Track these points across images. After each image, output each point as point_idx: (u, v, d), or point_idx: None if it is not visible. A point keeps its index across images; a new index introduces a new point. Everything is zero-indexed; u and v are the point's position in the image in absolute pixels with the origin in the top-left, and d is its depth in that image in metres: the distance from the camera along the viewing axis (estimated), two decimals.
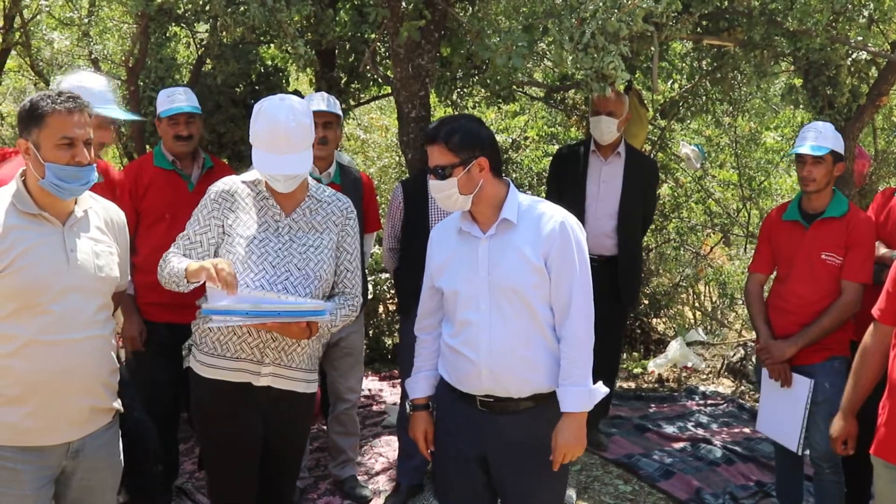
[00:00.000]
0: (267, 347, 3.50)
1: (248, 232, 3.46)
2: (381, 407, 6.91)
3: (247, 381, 3.52)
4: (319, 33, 6.02)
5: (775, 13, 5.85)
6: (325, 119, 4.84)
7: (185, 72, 6.94)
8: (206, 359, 3.53)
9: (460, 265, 3.33)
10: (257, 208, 3.52)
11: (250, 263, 3.41)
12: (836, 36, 5.59)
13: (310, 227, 3.58)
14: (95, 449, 3.25)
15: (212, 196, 3.52)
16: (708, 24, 6.38)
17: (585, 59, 4.55)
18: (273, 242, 3.47)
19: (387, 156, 10.39)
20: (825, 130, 4.59)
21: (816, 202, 4.60)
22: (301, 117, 3.40)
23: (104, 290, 3.24)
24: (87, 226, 3.24)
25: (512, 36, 4.67)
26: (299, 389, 3.65)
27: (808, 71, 6.09)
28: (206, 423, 3.65)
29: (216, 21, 5.70)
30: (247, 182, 3.57)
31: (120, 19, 7.49)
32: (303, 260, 3.49)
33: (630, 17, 4.54)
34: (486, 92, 7.21)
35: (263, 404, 3.58)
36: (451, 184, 3.23)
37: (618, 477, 5.71)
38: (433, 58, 5.39)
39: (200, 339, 3.57)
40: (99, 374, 3.21)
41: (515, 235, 3.26)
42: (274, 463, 3.71)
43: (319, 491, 5.32)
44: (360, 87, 7.30)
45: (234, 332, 3.45)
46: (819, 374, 4.52)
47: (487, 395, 3.31)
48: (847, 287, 4.47)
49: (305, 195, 3.61)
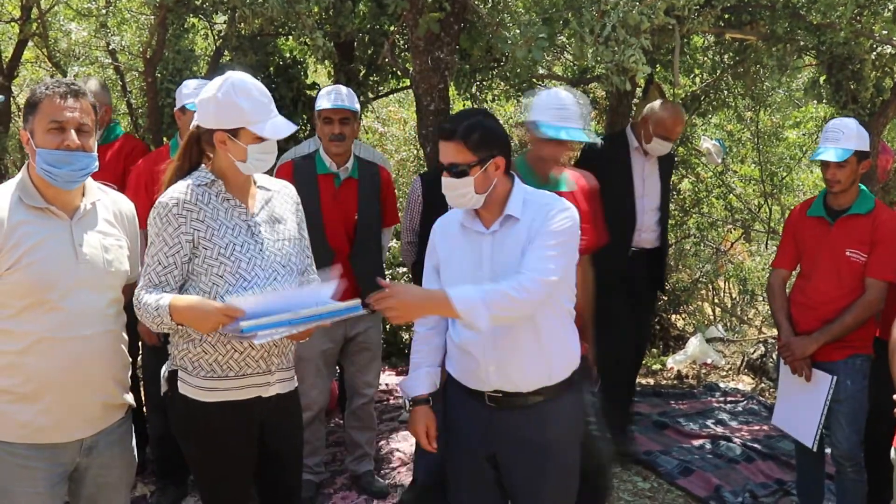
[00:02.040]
0: (272, 356, 3.35)
1: (226, 240, 3.24)
2: (398, 402, 6.89)
3: (256, 396, 3.36)
4: (338, 25, 5.99)
5: (799, 6, 5.80)
6: (341, 115, 4.81)
7: (203, 63, 6.94)
8: (204, 383, 3.28)
9: (463, 262, 3.28)
10: (223, 212, 3.28)
11: (241, 272, 3.23)
12: (860, 30, 5.53)
13: (273, 221, 3.40)
14: (109, 445, 3.22)
15: (171, 210, 3.17)
16: (730, 17, 6.32)
17: (606, 52, 4.51)
18: (252, 245, 3.28)
19: (405, 149, 10.37)
20: (848, 130, 4.52)
21: (842, 199, 4.55)
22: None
23: (114, 284, 3.19)
24: (95, 219, 3.18)
25: (532, 28, 4.63)
26: (294, 387, 3.58)
27: (831, 65, 6.02)
28: (208, 447, 3.39)
29: (234, 12, 5.68)
30: (202, 186, 3.29)
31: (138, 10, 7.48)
32: (283, 256, 3.36)
33: (651, 10, 4.51)
34: (505, 85, 7.17)
35: (263, 413, 3.42)
36: (466, 183, 3.17)
37: (636, 474, 5.67)
38: (452, 50, 5.36)
39: (192, 363, 3.29)
40: (111, 369, 3.18)
41: (519, 230, 3.22)
42: (279, 464, 3.59)
43: (336, 486, 5.30)
44: (379, 80, 7.28)
45: (235, 348, 3.25)
46: (841, 371, 4.47)
47: (496, 391, 3.28)
48: (871, 285, 4.42)
49: (256, 188, 3.42)
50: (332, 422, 6.18)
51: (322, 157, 4.89)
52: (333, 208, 4.83)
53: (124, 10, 7.49)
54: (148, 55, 6.16)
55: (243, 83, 3.19)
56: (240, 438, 3.39)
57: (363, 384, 5.19)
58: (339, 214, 4.84)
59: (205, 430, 3.35)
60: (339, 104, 4.80)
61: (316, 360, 4.88)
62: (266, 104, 3.21)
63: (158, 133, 6.28)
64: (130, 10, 7.53)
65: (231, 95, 3.17)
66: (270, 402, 3.43)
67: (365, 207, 4.93)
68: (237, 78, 3.20)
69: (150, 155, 5.19)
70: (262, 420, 3.45)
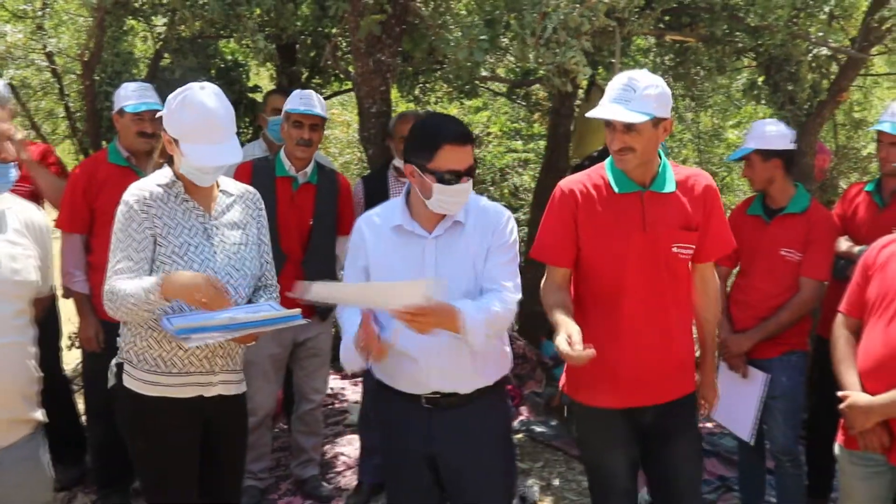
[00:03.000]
0: (216, 356, 3.36)
1: (181, 240, 3.27)
2: (344, 405, 6.87)
3: (198, 395, 3.37)
4: (280, 27, 5.96)
5: (737, 9, 5.86)
6: (312, 121, 4.79)
7: (143, 66, 6.85)
8: (147, 376, 3.31)
9: (402, 266, 3.23)
10: (181, 213, 3.31)
11: None
12: (796, 32, 5.61)
13: (232, 225, 3.42)
14: (14, 462, 3.07)
15: (134, 207, 3.23)
16: (670, 19, 6.38)
17: (547, 54, 4.54)
18: (207, 247, 3.31)
19: (348, 152, 10.35)
20: (775, 130, 4.67)
21: (779, 197, 4.62)
22: (227, 104, 3.27)
23: (21, 294, 3.08)
24: (4, 227, 3.09)
25: (473, 30, 4.64)
26: (242, 391, 3.56)
27: (769, 67, 6.10)
28: (150, 442, 3.42)
29: (174, 15, 5.64)
30: (162, 185, 3.32)
31: (76, 12, 7.37)
32: (238, 260, 3.36)
33: (592, 13, 4.54)
34: (448, 87, 7.18)
35: (208, 413, 3.43)
36: (470, 186, 3.19)
37: (581, 473, 5.68)
38: (394, 52, 5.35)
39: (137, 356, 3.32)
40: (16, 383, 3.05)
41: (463, 236, 3.24)
42: (220, 468, 3.59)
43: (280, 491, 5.29)
44: (321, 83, 7.25)
45: (179, 346, 3.25)
46: (776, 368, 4.54)
47: (433, 393, 3.28)
48: (805, 284, 4.50)
49: (218, 191, 3.45)
50: (277, 427, 6.14)
51: (282, 160, 4.85)
52: (289, 212, 4.80)
53: (61, 12, 7.38)
54: (86, 58, 6.07)
55: (196, 99, 3.20)
56: (181, 436, 3.39)
57: (311, 390, 5.17)
58: (294, 219, 4.81)
59: (146, 424, 3.37)
60: (312, 110, 4.77)
61: (264, 364, 4.84)
62: (207, 127, 3.19)
63: (97, 137, 6.19)
64: (68, 11, 7.42)
65: (182, 105, 3.20)
66: (214, 402, 3.42)
67: (321, 213, 4.91)
68: (196, 92, 3.21)
69: (87, 160, 5.13)
70: (206, 421, 3.45)
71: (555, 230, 3.55)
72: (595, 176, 3.53)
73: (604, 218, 3.45)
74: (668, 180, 3.45)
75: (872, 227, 4.57)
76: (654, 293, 3.43)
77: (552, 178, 7.22)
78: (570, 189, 3.53)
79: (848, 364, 3.60)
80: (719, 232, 3.54)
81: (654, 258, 3.41)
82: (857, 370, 3.53)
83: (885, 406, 3.36)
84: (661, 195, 3.43)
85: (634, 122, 3.26)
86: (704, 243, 3.49)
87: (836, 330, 3.73)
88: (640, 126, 3.29)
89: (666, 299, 3.44)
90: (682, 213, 3.44)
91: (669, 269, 3.44)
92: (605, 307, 3.45)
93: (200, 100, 3.19)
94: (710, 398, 3.71)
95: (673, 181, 3.46)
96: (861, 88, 9.03)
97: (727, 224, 3.64)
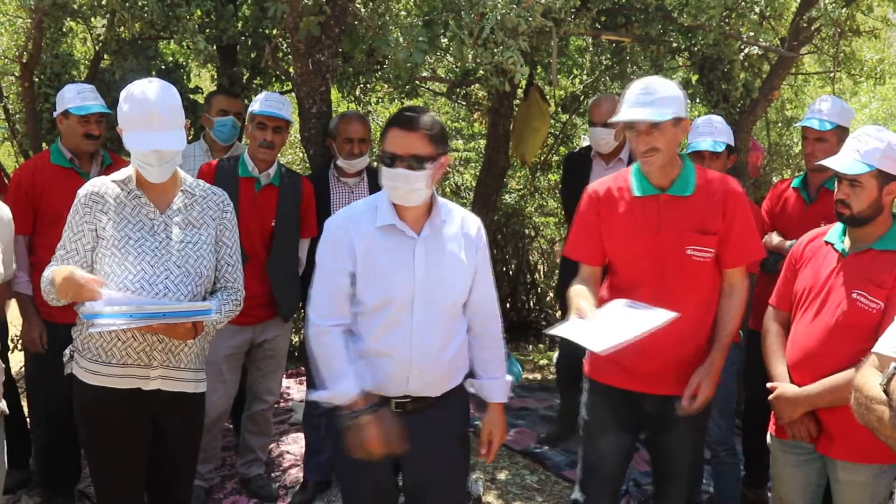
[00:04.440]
0: (154, 350, 3.41)
1: (122, 233, 3.35)
2: (289, 404, 6.88)
3: (136, 387, 3.43)
4: (220, 29, 5.96)
5: (671, 9, 5.98)
6: (276, 123, 4.82)
7: (83, 68, 6.80)
8: (90, 365, 3.41)
9: (393, 266, 3.21)
10: (130, 207, 3.40)
11: (127, 265, 3.32)
12: (728, 31, 5.74)
13: (186, 224, 3.48)
14: None
15: (81, 200, 3.39)
16: (606, 19, 6.48)
17: (485, 54, 4.61)
18: (149, 241, 3.38)
19: (290, 152, 10.31)
20: (720, 125, 4.76)
21: None
22: (172, 97, 3.35)
23: None
24: None
25: (412, 31, 4.70)
26: (189, 390, 3.58)
27: (703, 66, 6.23)
28: (94, 431, 3.52)
29: (113, 16, 5.60)
30: (117, 181, 3.44)
31: (14, 14, 7.29)
32: (181, 257, 3.41)
33: (529, 13, 4.61)
34: (388, 87, 7.21)
35: (153, 408, 3.50)
36: (422, 176, 3.12)
37: (524, 467, 5.77)
38: (334, 53, 5.38)
39: (83, 345, 3.43)
40: None
41: (447, 237, 3.28)
42: (169, 467, 3.64)
43: (226, 490, 5.29)
44: (263, 84, 7.23)
45: (119, 336, 3.35)
46: None
47: (404, 396, 3.30)
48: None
49: (178, 190, 3.52)
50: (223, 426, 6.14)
51: (245, 161, 4.87)
52: (251, 212, 4.80)
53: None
54: (24, 60, 6.03)
55: (138, 89, 3.31)
56: (124, 428, 3.47)
57: (265, 390, 5.19)
58: (255, 220, 4.81)
59: (92, 413, 3.48)
60: (276, 112, 4.80)
61: (220, 364, 4.82)
62: (144, 115, 3.27)
63: (36, 139, 6.14)
64: (6, 13, 7.34)
65: (126, 95, 3.33)
66: (158, 398, 3.48)
67: (283, 215, 4.92)
68: (140, 84, 3.32)
69: (30, 161, 5.10)
70: (155, 418, 3.52)
71: (581, 231, 3.83)
72: (620, 179, 3.76)
73: (623, 219, 3.67)
74: (688, 183, 3.62)
75: (801, 221, 4.68)
76: (665, 292, 3.55)
77: (492, 177, 7.32)
78: (595, 192, 3.79)
79: (777, 356, 3.71)
80: (741, 238, 3.65)
81: (666, 259, 3.59)
82: (786, 362, 3.65)
83: (811, 397, 3.47)
84: (678, 198, 3.61)
85: (659, 121, 3.44)
86: (727, 248, 3.62)
87: (766, 323, 3.84)
88: (663, 125, 3.47)
89: (678, 299, 3.50)
90: (699, 217, 3.60)
91: (684, 270, 3.59)
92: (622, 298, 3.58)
93: (142, 90, 3.29)
94: (704, 391, 3.58)
95: (693, 184, 3.62)
96: (792, 87, 9.22)
97: (754, 231, 3.75)
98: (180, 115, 3.39)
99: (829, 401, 3.41)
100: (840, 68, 7.20)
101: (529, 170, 9.42)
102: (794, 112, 9.39)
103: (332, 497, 5.14)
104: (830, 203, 3.60)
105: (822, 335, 3.47)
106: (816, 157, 4.65)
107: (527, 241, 10.05)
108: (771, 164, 8.81)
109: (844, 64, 7.09)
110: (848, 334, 3.39)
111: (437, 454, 3.37)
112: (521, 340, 9.45)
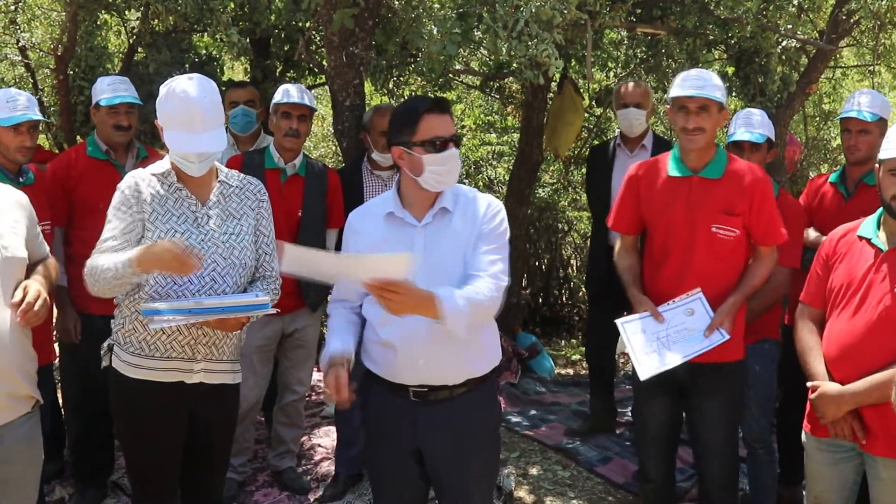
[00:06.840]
0: (199, 344, 3.41)
1: (167, 226, 3.35)
2: (320, 397, 6.88)
3: (179, 380, 3.43)
4: (253, 21, 5.98)
5: (707, 2, 5.91)
6: (300, 112, 4.84)
7: (117, 60, 6.84)
8: (132, 359, 3.40)
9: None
10: (172, 201, 3.40)
11: None
12: (766, 24, 5.67)
13: (227, 215, 3.49)
14: (14, 440, 3.14)
15: (126, 192, 3.35)
16: (641, 12, 6.42)
17: (519, 46, 4.57)
18: (195, 235, 3.37)
19: (323, 145, 10.36)
20: (762, 118, 4.67)
21: None
22: (213, 94, 3.33)
23: (11, 271, 3.12)
24: None
25: (446, 24, 4.67)
26: (228, 381, 3.59)
27: (739, 59, 6.16)
28: (132, 423, 3.51)
29: (147, 9, 5.63)
30: (157, 175, 3.43)
31: (49, 7, 7.35)
32: (227, 249, 3.41)
33: (563, 5, 4.57)
34: (421, 80, 7.19)
35: (192, 401, 3.49)
36: (458, 154, 3.23)
37: (556, 463, 5.73)
38: (367, 46, 5.36)
39: (125, 339, 3.42)
40: (14, 358, 3.08)
41: (451, 225, 3.23)
42: (204, 458, 3.64)
43: (258, 483, 5.28)
44: (296, 76, 7.25)
45: (164, 330, 3.33)
46: (749, 356, 4.52)
47: (421, 385, 3.27)
48: (776, 271, 4.51)
49: (216, 182, 3.52)
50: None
51: (271, 152, 4.89)
52: (278, 204, 4.75)
53: (34, 7, 7.35)
54: (59, 52, 6.07)
55: (179, 87, 3.29)
56: (162, 421, 3.46)
57: (296, 381, 5.19)
58: (282, 211, 4.76)
59: (131, 406, 3.47)
60: (299, 100, 4.82)
61: (251, 355, 4.82)
62: (186, 115, 3.26)
63: (71, 131, 6.19)
64: (41, 6, 7.39)
65: (167, 93, 3.31)
66: (199, 391, 3.48)
67: (309, 205, 4.93)
68: (181, 81, 3.31)
69: (66, 152, 5.13)
70: (192, 409, 3.51)
71: (621, 205, 4.26)
72: (662, 160, 4.14)
73: (658, 196, 4.06)
74: (719, 167, 3.97)
75: (839, 217, 4.57)
76: (690, 264, 3.97)
77: (525, 171, 7.29)
78: (637, 171, 4.20)
79: (814, 353, 3.63)
80: (766, 222, 3.99)
81: (693, 234, 3.95)
82: (824, 359, 3.58)
83: (857, 395, 3.39)
84: (709, 181, 3.97)
85: (712, 98, 3.81)
86: (753, 230, 3.98)
87: (798, 320, 3.77)
88: (711, 108, 3.85)
89: (702, 269, 3.95)
90: (725, 198, 3.95)
91: (710, 246, 3.95)
92: (654, 268, 4.11)
93: (183, 88, 3.27)
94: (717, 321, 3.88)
95: (723, 169, 3.98)
96: (830, 80, 9.10)
97: (777, 217, 4.04)
98: (221, 113, 3.39)
99: (877, 398, 3.34)
100: (879, 61, 7.11)
101: (563, 164, 9.38)
102: (831, 106, 9.28)
103: (363, 491, 5.12)
104: (869, 198, 3.56)
105: (863, 331, 3.40)
106: (860, 149, 4.59)
107: (560, 235, 10.00)
108: (808, 159, 8.72)
109: (884, 57, 6.99)
110: (891, 330, 3.33)
111: (458, 452, 3.32)
112: (554, 336, 9.41)
